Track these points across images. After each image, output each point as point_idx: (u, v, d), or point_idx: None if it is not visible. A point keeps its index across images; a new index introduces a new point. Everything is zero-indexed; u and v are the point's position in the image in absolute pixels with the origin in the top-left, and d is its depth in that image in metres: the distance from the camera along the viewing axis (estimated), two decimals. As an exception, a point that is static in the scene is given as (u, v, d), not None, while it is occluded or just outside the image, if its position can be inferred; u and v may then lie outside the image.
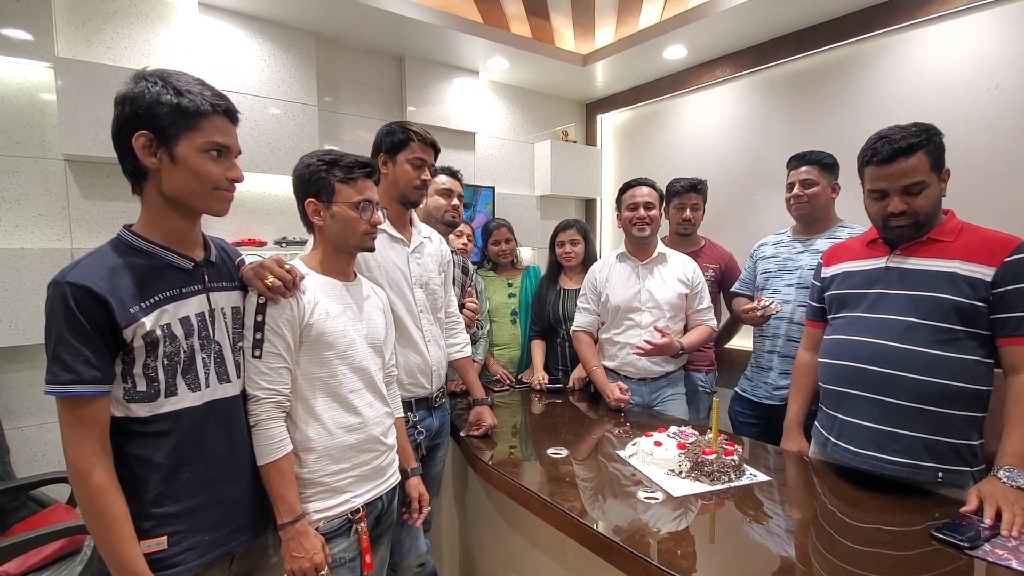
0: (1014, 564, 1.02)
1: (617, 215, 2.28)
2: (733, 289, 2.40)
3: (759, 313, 2.02)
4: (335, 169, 1.32)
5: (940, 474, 1.34)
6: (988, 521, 1.13)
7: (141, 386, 1.02)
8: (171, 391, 1.05)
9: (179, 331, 1.06)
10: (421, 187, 1.72)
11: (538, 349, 2.58)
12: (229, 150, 1.10)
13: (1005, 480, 1.19)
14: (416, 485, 1.56)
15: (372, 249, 1.42)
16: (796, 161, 2.13)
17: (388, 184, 1.70)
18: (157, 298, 1.03)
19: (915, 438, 1.34)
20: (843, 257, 1.59)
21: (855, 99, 2.84)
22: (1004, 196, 2.34)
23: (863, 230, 2.01)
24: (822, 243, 2.06)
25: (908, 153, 1.33)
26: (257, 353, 1.20)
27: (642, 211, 2.14)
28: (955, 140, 2.46)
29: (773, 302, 2.01)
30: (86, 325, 0.95)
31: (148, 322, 1.01)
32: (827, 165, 2.08)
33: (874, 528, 1.21)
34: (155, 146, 1.02)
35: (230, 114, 1.10)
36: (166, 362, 1.04)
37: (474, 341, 2.35)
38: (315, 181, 1.32)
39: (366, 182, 1.36)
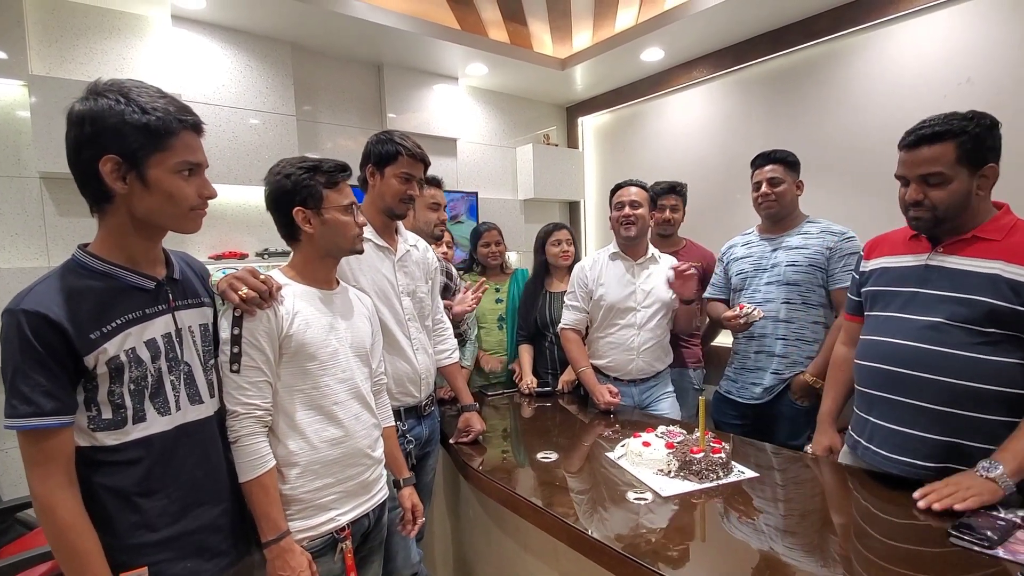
0: None
1: (610, 216, 2.28)
2: (707, 295, 2.38)
3: (742, 321, 1.99)
4: (318, 175, 1.30)
5: None
6: (920, 500, 1.18)
7: (107, 413, 0.98)
8: (139, 417, 1.00)
9: (145, 355, 1.01)
10: (408, 201, 1.69)
11: (526, 353, 2.58)
12: (200, 166, 1.05)
13: (981, 472, 1.16)
14: (409, 496, 1.54)
15: (361, 251, 1.42)
16: (761, 160, 2.13)
17: (375, 196, 1.69)
18: (119, 322, 0.98)
19: (948, 443, 1.28)
20: (883, 251, 1.50)
21: (831, 96, 2.88)
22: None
23: (832, 224, 2.05)
24: (794, 240, 2.07)
25: (932, 141, 1.27)
26: (235, 367, 1.17)
27: (628, 209, 2.15)
28: (928, 134, 2.53)
29: (755, 309, 1.98)
30: (44, 354, 0.90)
31: (111, 348, 0.96)
32: (791, 163, 2.10)
33: (861, 519, 1.23)
34: (124, 170, 0.95)
35: (197, 128, 1.04)
36: (133, 387, 0.99)
37: (462, 343, 2.33)
38: (302, 189, 1.29)
39: (347, 185, 1.36)
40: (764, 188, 2.08)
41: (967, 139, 1.25)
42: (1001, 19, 2.32)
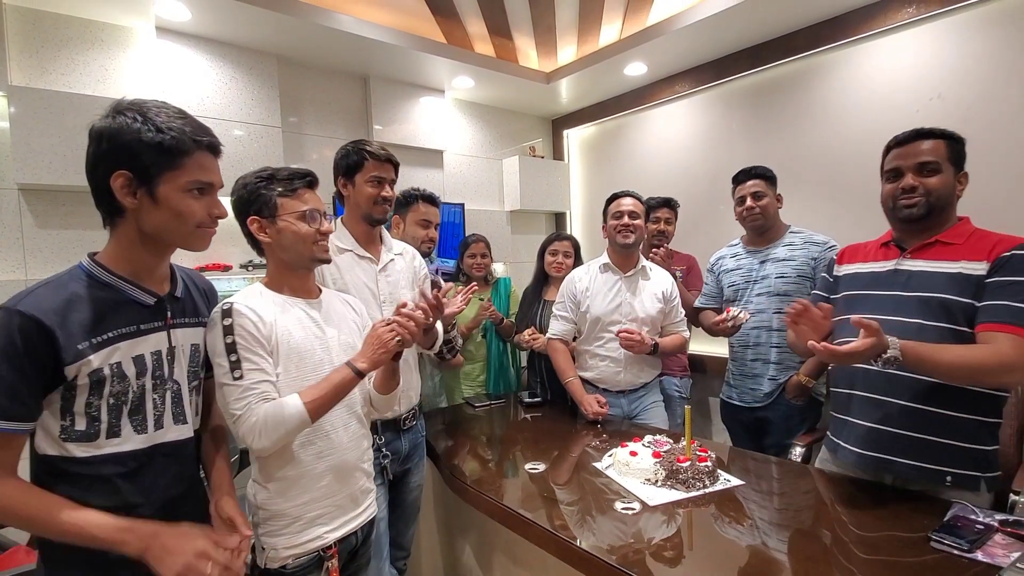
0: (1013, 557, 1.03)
1: (603, 226, 2.29)
2: (698, 304, 2.44)
3: (729, 324, 2.05)
4: (274, 183, 1.28)
5: (949, 478, 1.31)
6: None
7: (80, 425, 0.96)
8: (114, 432, 0.99)
9: (130, 370, 1.00)
10: (383, 203, 1.69)
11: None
12: (212, 186, 1.06)
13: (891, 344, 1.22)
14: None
15: (326, 261, 1.36)
16: (743, 176, 2.22)
17: (351, 206, 1.70)
18: (111, 335, 0.98)
19: (923, 440, 1.32)
20: (855, 258, 1.59)
21: (808, 110, 2.96)
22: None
23: (813, 234, 2.13)
24: (780, 251, 2.15)
25: (928, 136, 1.40)
26: (237, 374, 1.14)
27: (627, 219, 2.17)
28: (902, 148, 2.61)
29: (741, 311, 2.04)
30: (24, 358, 0.89)
31: (96, 360, 0.95)
32: (769, 178, 2.20)
33: (845, 524, 1.25)
34: (135, 186, 0.97)
35: (213, 148, 1.05)
36: (111, 401, 0.98)
37: (452, 351, 2.31)
38: (256, 199, 1.28)
39: (307, 192, 1.32)
40: (749, 202, 2.18)
41: (953, 142, 1.40)
42: (970, 37, 2.41)
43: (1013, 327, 1.22)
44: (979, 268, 1.30)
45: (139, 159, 0.96)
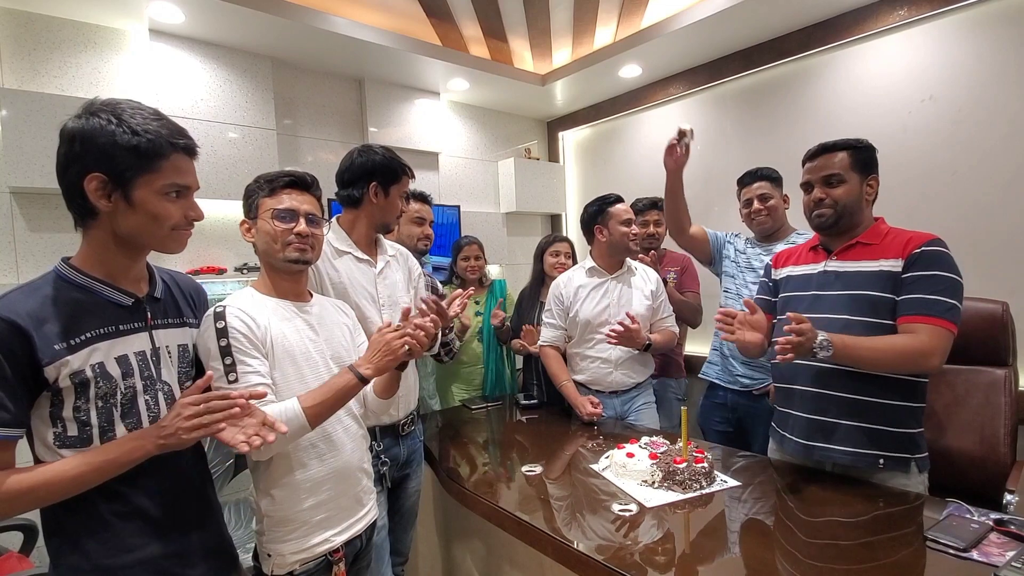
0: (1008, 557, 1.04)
1: (599, 228, 2.23)
2: None
3: (675, 139, 1.99)
4: (263, 184, 1.29)
5: (881, 461, 1.43)
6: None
7: (72, 430, 0.95)
8: (108, 436, 0.97)
9: (115, 371, 0.98)
10: (400, 216, 1.79)
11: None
12: (188, 189, 1.05)
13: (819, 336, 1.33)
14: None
15: (302, 262, 1.28)
16: (749, 178, 2.19)
17: (374, 211, 1.68)
18: (88, 335, 0.96)
19: (856, 427, 1.44)
20: (788, 261, 1.72)
21: (802, 112, 2.97)
22: (938, 200, 2.47)
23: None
24: (780, 247, 2.12)
25: (831, 151, 1.53)
26: (232, 377, 1.13)
27: (636, 227, 2.22)
28: (894, 149, 2.62)
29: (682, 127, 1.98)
30: (3, 362, 0.88)
31: (75, 361, 0.93)
32: (776, 179, 2.18)
33: (840, 524, 1.25)
34: (109, 189, 0.95)
35: (189, 150, 1.04)
36: (100, 404, 0.96)
37: (450, 354, 2.30)
38: (248, 201, 1.29)
39: (290, 192, 1.29)
40: (756, 204, 2.15)
41: (857, 152, 1.51)
42: (961, 40, 2.42)
43: (928, 317, 1.35)
44: (895, 265, 1.43)
45: (114, 162, 0.94)
